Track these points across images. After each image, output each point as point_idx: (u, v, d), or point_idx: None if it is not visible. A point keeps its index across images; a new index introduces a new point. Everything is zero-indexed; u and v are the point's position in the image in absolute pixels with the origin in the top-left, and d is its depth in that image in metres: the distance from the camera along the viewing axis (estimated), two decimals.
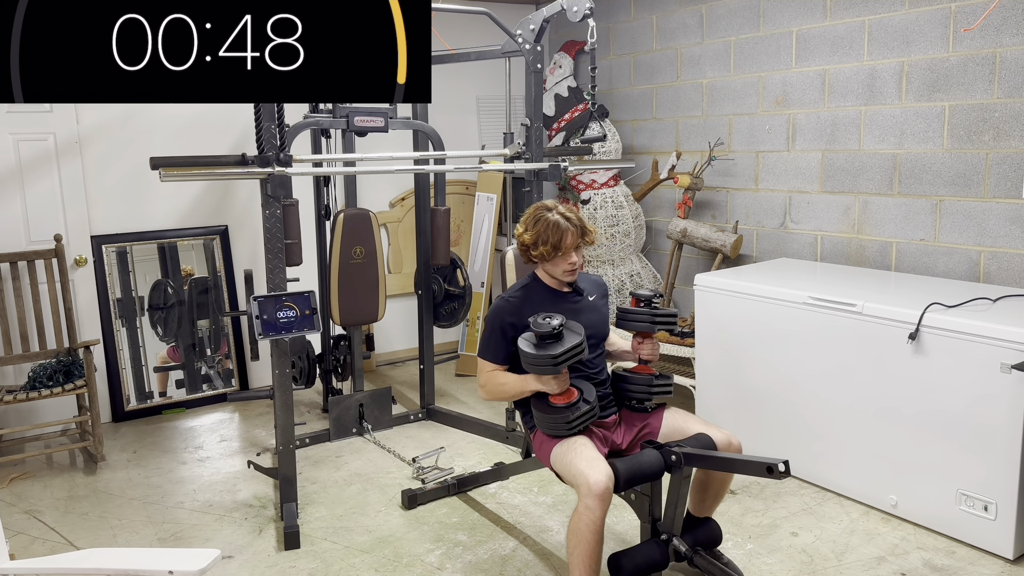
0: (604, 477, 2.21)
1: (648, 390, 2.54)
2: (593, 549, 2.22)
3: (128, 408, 4.31)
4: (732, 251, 4.18)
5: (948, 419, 2.82)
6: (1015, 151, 3.22)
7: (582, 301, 2.59)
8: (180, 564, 1.76)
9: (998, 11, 3.20)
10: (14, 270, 3.81)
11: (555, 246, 2.44)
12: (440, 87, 4.07)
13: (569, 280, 2.54)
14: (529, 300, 2.52)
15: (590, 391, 2.43)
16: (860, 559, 2.78)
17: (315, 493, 3.38)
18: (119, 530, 3.12)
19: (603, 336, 2.63)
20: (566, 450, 2.36)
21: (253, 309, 2.96)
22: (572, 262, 2.48)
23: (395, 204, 5.21)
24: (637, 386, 2.55)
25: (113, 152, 4.22)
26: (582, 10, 3.30)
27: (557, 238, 2.44)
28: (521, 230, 2.53)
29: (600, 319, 2.62)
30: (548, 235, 2.44)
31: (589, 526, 2.20)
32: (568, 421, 2.34)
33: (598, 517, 2.20)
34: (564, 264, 2.49)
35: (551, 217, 2.47)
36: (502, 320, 2.49)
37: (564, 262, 2.48)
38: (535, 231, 2.47)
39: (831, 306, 3.15)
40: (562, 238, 2.44)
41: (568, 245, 2.45)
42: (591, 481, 2.20)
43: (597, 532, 2.21)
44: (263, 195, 2.99)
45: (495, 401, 2.52)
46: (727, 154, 4.42)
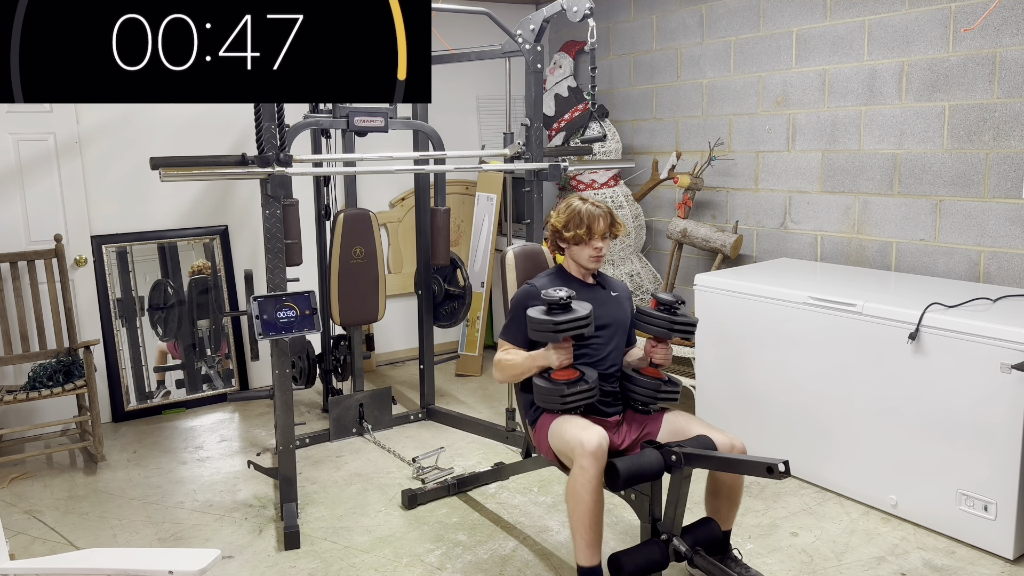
0: (596, 437, 2.26)
1: (654, 394, 2.55)
2: (592, 509, 2.24)
3: (128, 408, 4.31)
4: (732, 251, 4.18)
5: (948, 419, 2.82)
6: (1015, 151, 3.22)
7: (606, 293, 2.69)
8: (180, 564, 1.76)
9: (998, 11, 3.20)
10: (14, 270, 3.81)
11: (588, 228, 2.58)
12: (440, 87, 4.06)
13: (593, 266, 2.65)
14: (554, 287, 2.59)
15: (592, 374, 2.46)
16: (860, 559, 2.78)
17: (315, 493, 3.38)
18: (119, 530, 3.12)
19: (623, 329, 2.67)
20: (560, 423, 2.43)
21: (253, 309, 2.96)
22: (598, 247, 2.61)
23: (395, 204, 5.21)
24: (643, 388, 2.55)
25: (113, 152, 4.22)
26: (582, 10, 3.29)
27: (590, 221, 2.58)
28: (554, 216, 2.67)
29: (623, 313, 2.69)
30: (581, 219, 2.59)
31: (585, 485, 2.23)
32: (563, 395, 2.36)
33: (593, 476, 2.23)
34: (590, 249, 2.61)
35: (584, 205, 2.62)
36: (525, 304, 2.55)
37: (591, 247, 2.61)
38: (567, 215, 2.63)
39: (831, 306, 3.15)
40: (594, 223, 2.58)
41: (599, 230, 2.59)
42: (583, 439, 2.25)
43: (595, 492, 2.23)
44: (263, 195, 2.99)
45: (507, 382, 2.57)
46: (727, 154, 4.42)
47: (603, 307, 2.61)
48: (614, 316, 2.64)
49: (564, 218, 2.62)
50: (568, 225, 2.61)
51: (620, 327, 2.66)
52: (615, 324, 2.63)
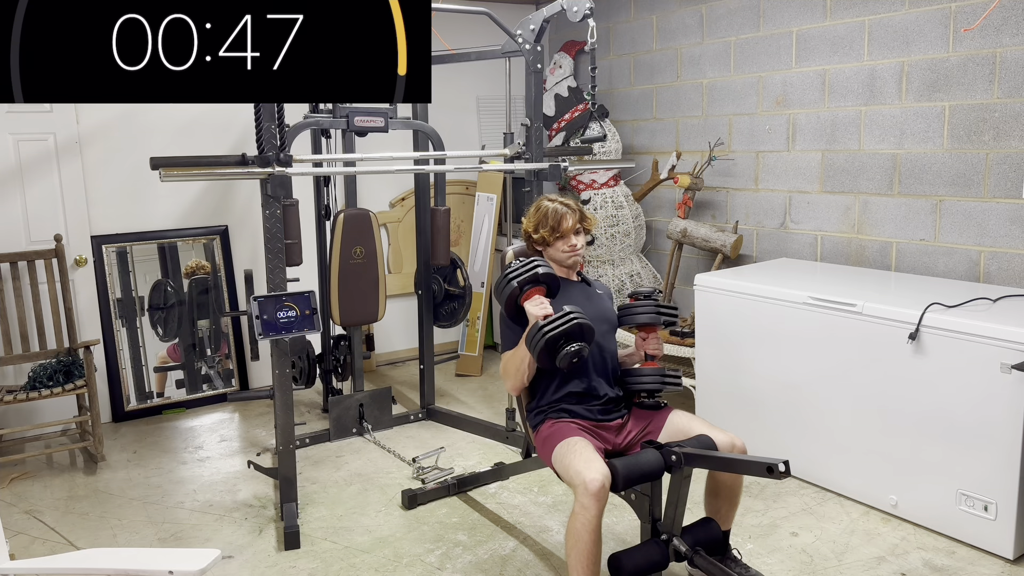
0: (600, 476, 2.21)
1: (661, 380, 2.56)
2: (590, 549, 2.22)
3: (128, 408, 4.31)
4: (732, 251, 4.18)
5: (948, 419, 2.82)
6: (1015, 151, 3.22)
7: (592, 290, 2.72)
8: (180, 564, 1.76)
9: (998, 11, 3.20)
10: (14, 270, 3.81)
11: (554, 228, 2.60)
12: (440, 87, 4.06)
13: (572, 263, 2.66)
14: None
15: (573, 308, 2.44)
16: (860, 559, 2.78)
17: (315, 493, 3.38)
18: (119, 530, 3.12)
19: (612, 325, 2.67)
20: (566, 451, 2.37)
21: (253, 309, 2.96)
22: (572, 244, 2.63)
23: (395, 204, 5.21)
24: (649, 377, 2.57)
25: (113, 152, 4.22)
26: (582, 10, 3.29)
27: (556, 220, 2.61)
28: (525, 222, 2.70)
29: (609, 310, 2.71)
30: (547, 218, 2.62)
31: (585, 526, 2.20)
32: (540, 328, 2.32)
33: (593, 516, 2.20)
34: (564, 246, 2.62)
35: (550, 204, 2.65)
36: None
37: (564, 244, 2.62)
38: (535, 218, 2.66)
39: (831, 306, 3.15)
40: (561, 220, 2.61)
41: (567, 227, 2.61)
42: (587, 479, 2.21)
43: (594, 532, 2.21)
44: (263, 195, 2.99)
45: (518, 380, 2.53)
46: (727, 154, 4.42)
47: (589, 301, 2.63)
48: (600, 311, 2.65)
49: (533, 221, 2.66)
50: (537, 227, 2.64)
51: (609, 323, 2.66)
52: (603, 319, 2.64)
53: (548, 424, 2.52)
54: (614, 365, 2.64)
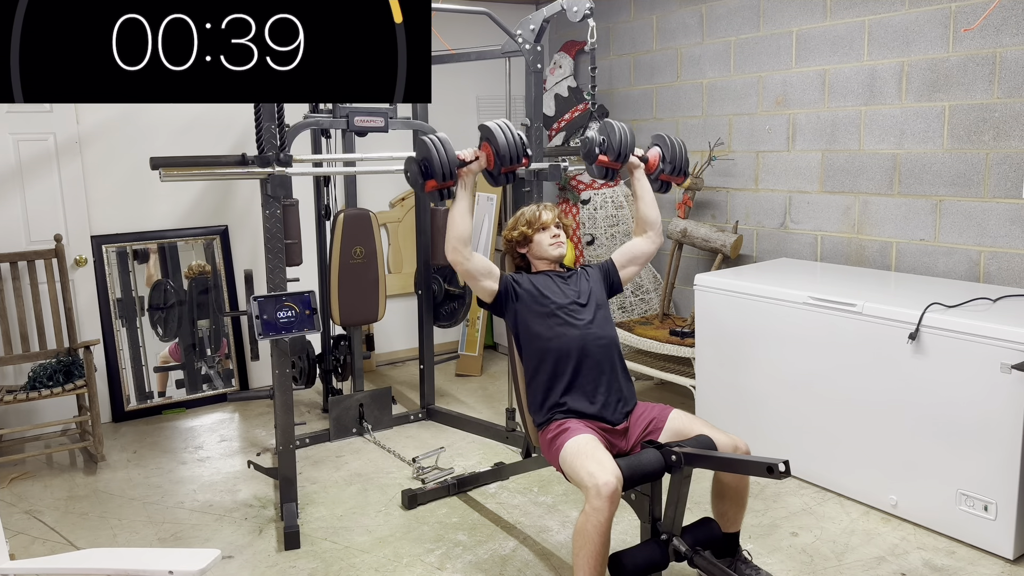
0: (613, 479, 2.20)
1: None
2: (599, 551, 2.22)
3: (128, 408, 4.31)
4: (732, 251, 4.18)
5: (948, 419, 2.82)
6: (1015, 151, 3.22)
7: (582, 274, 2.77)
8: (180, 564, 1.76)
9: (998, 11, 3.20)
10: (14, 270, 3.81)
11: (530, 222, 2.68)
12: (440, 87, 4.05)
13: (557, 253, 2.71)
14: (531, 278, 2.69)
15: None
16: (860, 559, 2.78)
17: (315, 493, 3.38)
18: (119, 530, 3.12)
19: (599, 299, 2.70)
20: (575, 451, 2.35)
21: (253, 309, 2.96)
22: (555, 235, 2.69)
23: (395, 204, 5.21)
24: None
25: (113, 152, 4.22)
26: (582, 10, 3.29)
27: (533, 216, 2.69)
28: (503, 236, 2.79)
29: (596, 286, 2.74)
30: (523, 216, 2.71)
31: (596, 528, 2.19)
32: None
33: (606, 519, 2.20)
34: (547, 237, 2.69)
35: (527, 207, 2.76)
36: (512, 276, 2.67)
37: (547, 236, 2.69)
38: (512, 222, 2.76)
39: (831, 306, 3.15)
40: (539, 215, 2.69)
41: (547, 219, 2.68)
42: (600, 483, 2.19)
43: (604, 534, 2.21)
44: (263, 195, 2.99)
45: (461, 233, 2.55)
46: (727, 154, 4.42)
47: (579, 284, 2.69)
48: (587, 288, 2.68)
49: (509, 226, 2.74)
50: (515, 225, 2.71)
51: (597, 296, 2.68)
52: (591, 293, 2.67)
53: (555, 424, 2.51)
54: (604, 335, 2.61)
